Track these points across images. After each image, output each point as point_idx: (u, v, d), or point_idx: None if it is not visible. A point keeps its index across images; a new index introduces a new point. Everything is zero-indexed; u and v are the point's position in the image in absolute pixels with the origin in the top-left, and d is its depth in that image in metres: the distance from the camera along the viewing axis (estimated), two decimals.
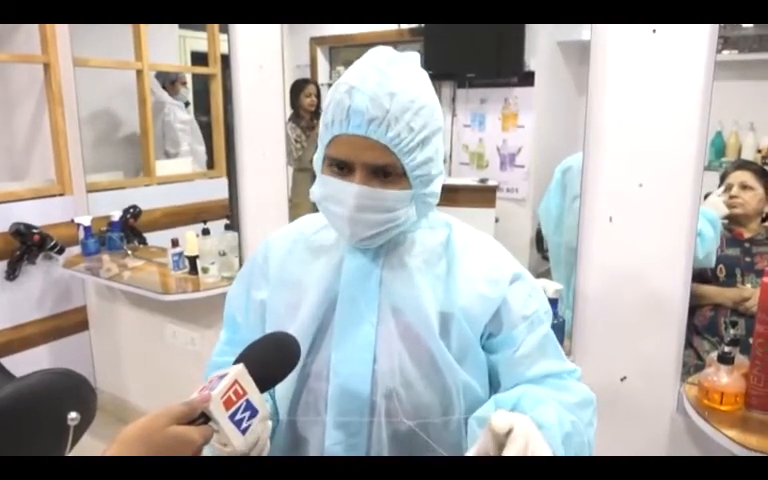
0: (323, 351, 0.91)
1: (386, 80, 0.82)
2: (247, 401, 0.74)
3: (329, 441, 0.88)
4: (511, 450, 0.71)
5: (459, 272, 0.91)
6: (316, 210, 0.95)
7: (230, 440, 0.73)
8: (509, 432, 0.72)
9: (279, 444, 0.95)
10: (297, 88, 2.51)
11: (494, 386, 0.94)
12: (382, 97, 0.81)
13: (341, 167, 0.85)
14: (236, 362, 0.78)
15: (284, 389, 0.93)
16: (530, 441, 0.72)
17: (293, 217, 2.19)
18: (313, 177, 0.92)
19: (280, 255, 0.99)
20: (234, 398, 0.73)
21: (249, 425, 0.74)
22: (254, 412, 0.75)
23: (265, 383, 0.78)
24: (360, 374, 0.87)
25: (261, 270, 1.00)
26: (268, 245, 1.02)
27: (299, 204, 2.28)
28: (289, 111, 2.32)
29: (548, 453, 0.75)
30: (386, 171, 0.84)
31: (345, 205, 0.84)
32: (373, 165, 0.83)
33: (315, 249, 0.97)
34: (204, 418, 0.72)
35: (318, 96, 2.61)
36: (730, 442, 1.31)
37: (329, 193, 0.87)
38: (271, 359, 0.81)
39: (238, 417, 0.73)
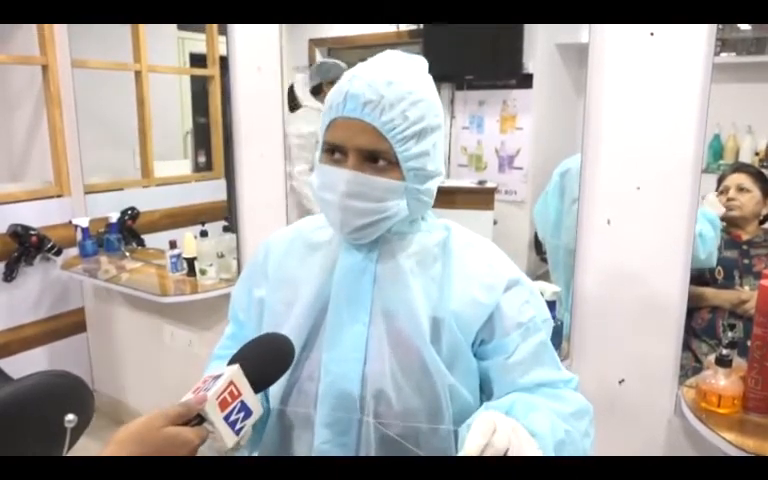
0: (315, 350, 0.91)
1: (386, 71, 0.84)
2: (242, 402, 0.75)
3: (318, 440, 0.88)
4: (490, 449, 0.70)
5: (454, 276, 0.90)
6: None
7: (224, 440, 0.73)
8: (493, 432, 0.72)
9: (269, 442, 0.95)
10: (293, 90, 2.52)
11: (487, 394, 0.93)
12: (379, 83, 0.82)
13: (336, 152, 0.86)
14: (230, 362, 0.78)
15: (275, 387, 0.92)
16: (512, 438, 0.73)
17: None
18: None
19: (279, 254, 1.00)
20: (229, 399, 0.74)
21: (243, 426, 0.75)
22: (248, 413, 0.76)
23: (259, 384, 0.79)
24: (350, 375, 0.87)
25: (261, 269, 1.01)
26: (268, 244, 1.03)
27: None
28: (287, 113, 2.32)
29: (534, 451, 0.75)
30: (379, 158, 0.84)
31: (336, 191, 0.84)
32: (366, 149, 0.83)
33: (311, 245, 0.97)
34: (199, 418, 0.72)
35: None
36: (727, 445, 1.31)
37: (323, 181, 0.87)
38: (266, 360, 0.81)
39: (232, 418, 0.74)
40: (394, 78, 0.83)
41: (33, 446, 1.21)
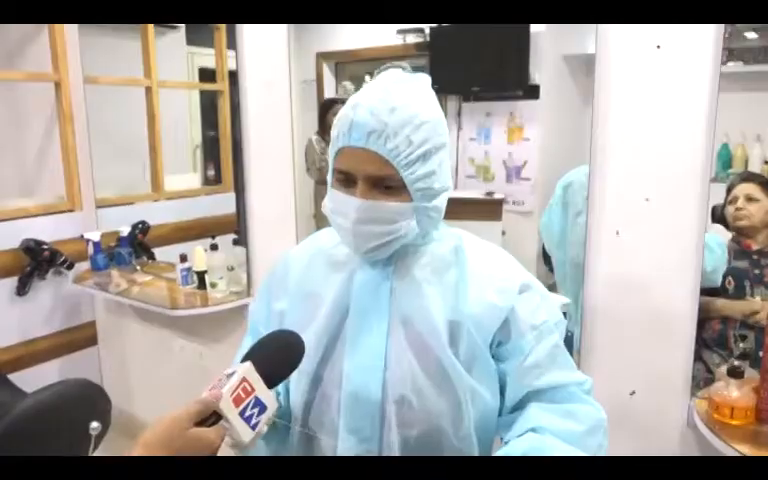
0: (336, 360, 0.93)
1: (389, 96, 0.86)
2: (256, 398, 0.77)
3: (341, 447, 0.90)
4: None
5: (469, 281, 0.92)
6: None
7: (240, 436, 0.76)
8: None
9: (293, 449, 0.98)
10: (325, 107, 2.64)
11: (503, 394, 0.95)
12: (382, 111, 0.84)
13: (346, 179, 0.88)
14: (243, 360, 0.81)
15: (298, 396, 0.96)
16: None
17: (317, 230, 2.20)
18: None
19: (300, 268, 1.02)
20: (243, 395, 0.76)
21: (258, 420, 0.77)
22: (263, 408, 0.78)
23: (272, 379, 0.81)
24: (372, 383, 0.89)
25: (281, 282, 1.04)
26: (288, 258, 1.06)
27: (323, 216, 2.29)
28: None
29: None
30: (387, 183, 0.86)
31: (348, 217, 0.87)
32: (373, 177, 0.86)
33: (333, 263, 0.99)
34: (216, 416, 0.74)
35: None
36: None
37: (335, 206, 0.90)
38: (277, 356, 0.84)
39: (248, 413, 0.76)
40: (397, 103, 0.85)
41: (57, 453, 1.22)
